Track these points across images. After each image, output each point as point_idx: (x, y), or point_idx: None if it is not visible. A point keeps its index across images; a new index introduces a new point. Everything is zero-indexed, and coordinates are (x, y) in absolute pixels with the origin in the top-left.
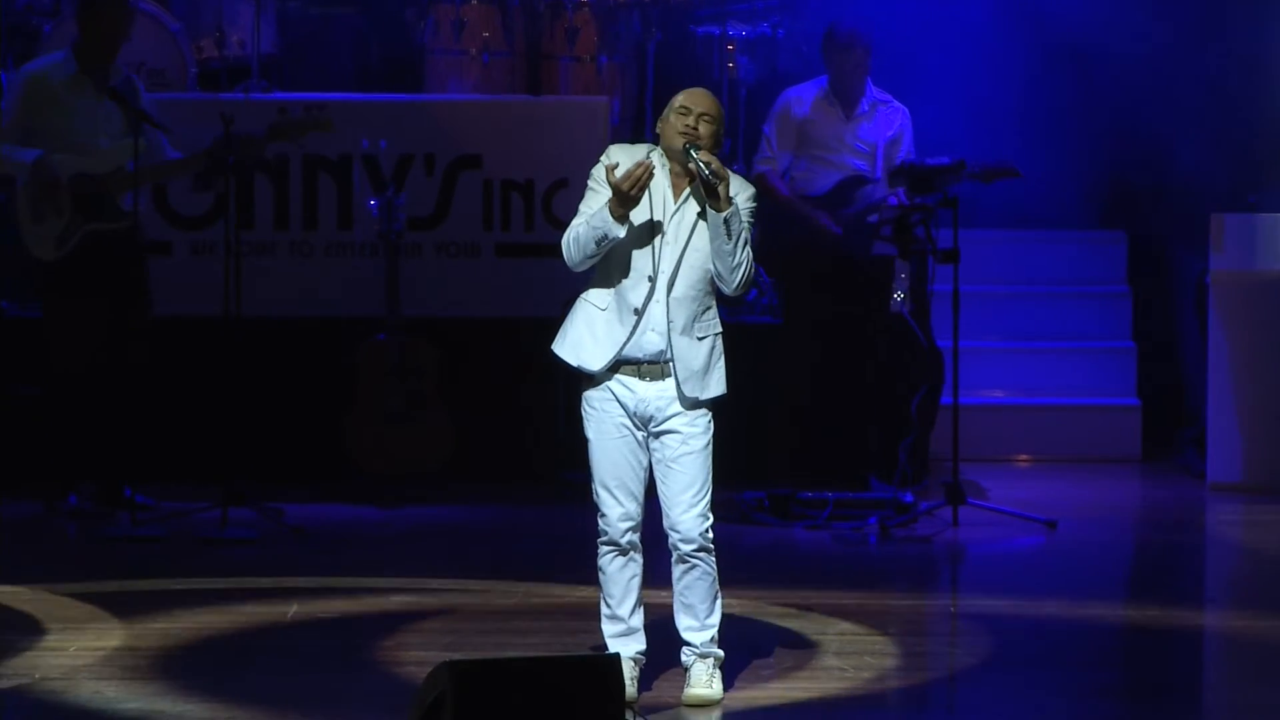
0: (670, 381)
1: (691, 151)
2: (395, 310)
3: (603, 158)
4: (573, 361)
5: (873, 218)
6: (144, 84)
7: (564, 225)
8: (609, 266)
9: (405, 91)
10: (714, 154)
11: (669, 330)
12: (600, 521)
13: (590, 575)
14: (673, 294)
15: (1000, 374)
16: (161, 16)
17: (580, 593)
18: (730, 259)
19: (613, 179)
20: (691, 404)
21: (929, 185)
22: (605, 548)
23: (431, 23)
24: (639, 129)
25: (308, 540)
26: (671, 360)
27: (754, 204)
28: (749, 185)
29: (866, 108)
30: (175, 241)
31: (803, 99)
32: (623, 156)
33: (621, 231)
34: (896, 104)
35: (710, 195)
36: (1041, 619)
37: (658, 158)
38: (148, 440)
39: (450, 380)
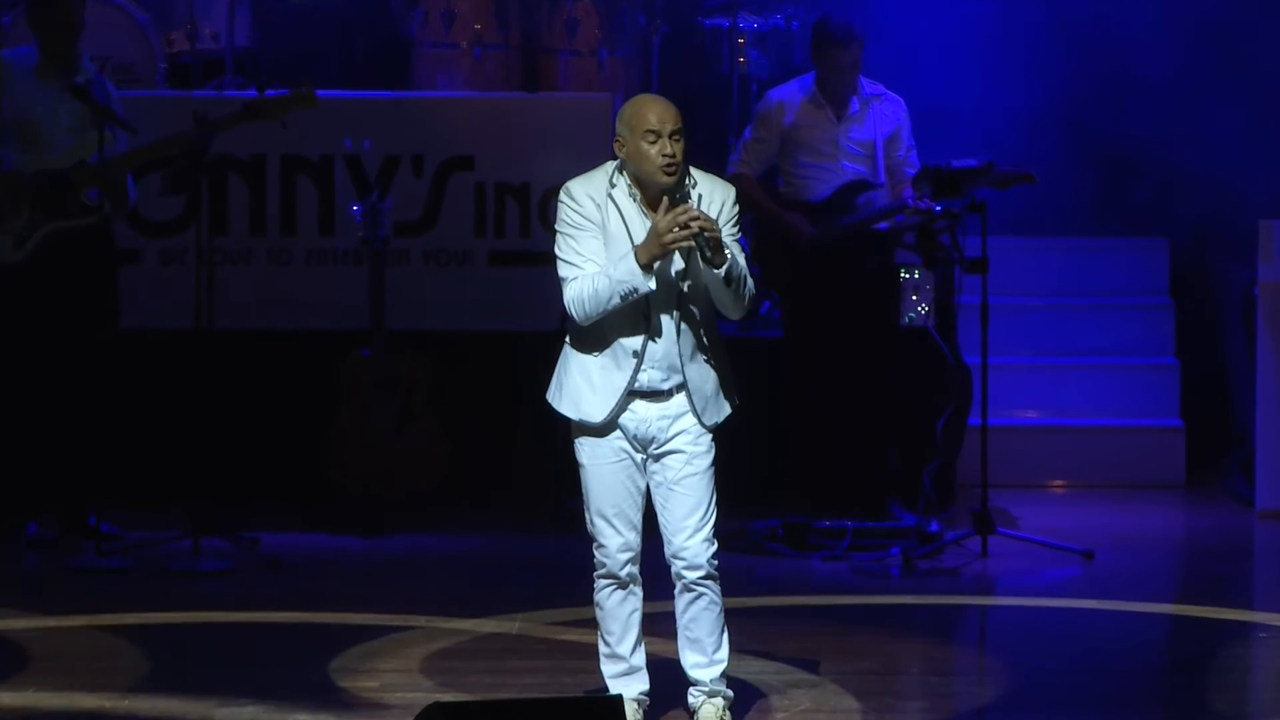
0: (672, 401)
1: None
2: (381, 323)
3: (563, 196)
4: (574, 416)
5: (882, 225)
6: (110, 80)
7: None
8: None
9: (391, 88)
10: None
11: (681, 361)
12: (598, 553)
13: (592, 608)
14: (681, 327)
15: (1032, 393)
16: (129, 8)
17: (580, 629)
18: (732, 298)
19: (662, 232)
20: (711, 428)
21: (955, 189)
22: (603, 581)
23: (420, 14)
24: None
25: (285, 572)
26: (686, 388)
27: (737, 207)
28: (730, 186)
29: (858, 107)
30: (143, 249)
31: (788, 103)
32: (586, 190)
33: (654, 284)
34: (891, 95)
35: (704, 257)
36: (1075, 656)
37: (624, 186)
38: (113, 464)
39: (440, 398)
